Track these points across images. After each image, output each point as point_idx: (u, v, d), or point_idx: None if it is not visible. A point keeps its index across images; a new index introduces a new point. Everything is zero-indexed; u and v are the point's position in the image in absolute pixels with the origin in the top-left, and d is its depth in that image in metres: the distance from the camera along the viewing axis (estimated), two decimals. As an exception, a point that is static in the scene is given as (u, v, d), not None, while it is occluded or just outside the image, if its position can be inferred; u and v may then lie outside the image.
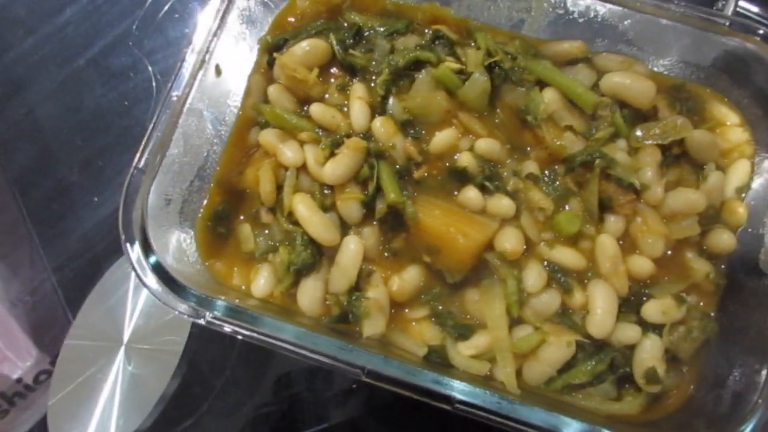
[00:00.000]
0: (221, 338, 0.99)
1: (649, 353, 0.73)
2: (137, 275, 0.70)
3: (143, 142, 0.74)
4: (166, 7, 1.07)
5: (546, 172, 0.81)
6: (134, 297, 0.95)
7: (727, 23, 0.76)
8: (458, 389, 0.67)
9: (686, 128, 0.78)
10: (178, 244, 0.78)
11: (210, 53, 0.79)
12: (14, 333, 1.00)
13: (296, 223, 0.77)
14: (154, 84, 0.77)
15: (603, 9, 0.81)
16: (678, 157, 0.81)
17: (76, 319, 0.94)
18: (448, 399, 0.67)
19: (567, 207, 0.79)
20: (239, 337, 0.70)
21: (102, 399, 0.90)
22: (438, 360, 0.75)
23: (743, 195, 0.80)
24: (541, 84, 0.81)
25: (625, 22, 0.81)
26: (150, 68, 1.03)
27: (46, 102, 1.05)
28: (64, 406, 0.89)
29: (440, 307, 0.77)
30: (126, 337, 0.94)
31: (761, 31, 0.76)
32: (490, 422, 0.67)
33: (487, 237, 0.75)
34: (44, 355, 1.03)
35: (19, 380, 1.00)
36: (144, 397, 0.91)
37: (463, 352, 0.75)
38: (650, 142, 0.79)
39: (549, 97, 0.79)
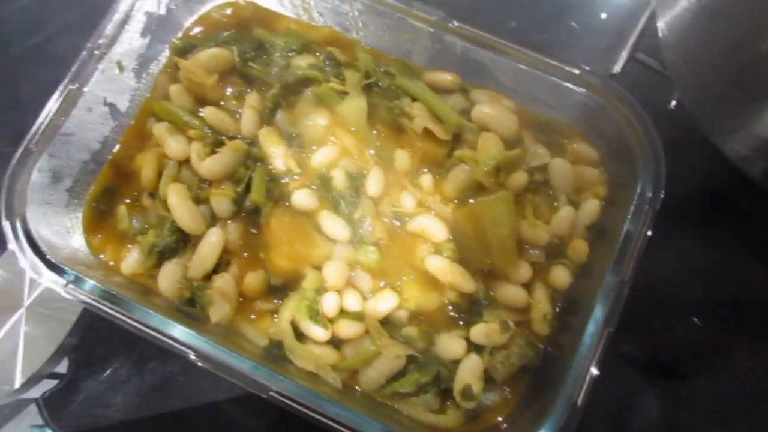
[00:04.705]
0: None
1: (469, 371, 0.77)
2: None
3: (35, 125, 0.82)
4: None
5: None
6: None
7: (577, 72, 0.81)
8: (275, 380, 0.72)
9: (545, 157, 0.84)
10: (59, 218, 0.85)
11: (109, 47, 0.87)
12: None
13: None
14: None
15: (475, 51, 0.86)
16: (539, 185, 0.85)
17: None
18: (265, 388, 0.72)
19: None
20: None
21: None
22: (276, 352, 0.80)
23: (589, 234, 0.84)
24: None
25: (495, 64, 0.86)
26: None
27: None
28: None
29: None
30: (29, 300, 1.02)
31: (599, 82, 0.82)
32: (307, 417, 0.71)
33: (311, 256, 0.81)
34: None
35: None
36: (31, 358, 0.98)
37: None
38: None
39: (417, 107, 0.84)
